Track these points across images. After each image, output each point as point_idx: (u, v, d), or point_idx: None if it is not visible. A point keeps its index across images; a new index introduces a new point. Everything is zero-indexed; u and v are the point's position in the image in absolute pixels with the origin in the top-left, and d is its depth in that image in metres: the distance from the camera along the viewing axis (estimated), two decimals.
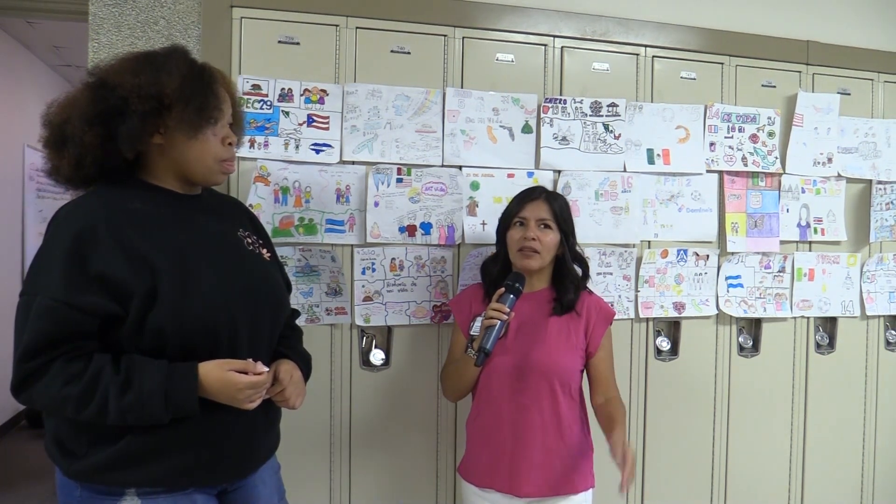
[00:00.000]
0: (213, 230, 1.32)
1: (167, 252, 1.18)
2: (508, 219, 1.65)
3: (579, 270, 1.68)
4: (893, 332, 2.46)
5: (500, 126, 2.02)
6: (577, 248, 1.68)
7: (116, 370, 1.12)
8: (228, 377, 1.17)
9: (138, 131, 1.18)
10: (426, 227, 1.96)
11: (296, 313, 1.58)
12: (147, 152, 1.25)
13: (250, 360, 1.21)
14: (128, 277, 1.13)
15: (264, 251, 1.42)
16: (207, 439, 1.22)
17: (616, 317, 1.71)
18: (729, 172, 2.23)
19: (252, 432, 1.30)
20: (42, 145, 1.24)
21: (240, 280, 1.28)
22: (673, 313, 2.18)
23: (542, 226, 1.61)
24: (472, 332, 1.60)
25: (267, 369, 1.22)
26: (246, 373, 1.18)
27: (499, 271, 1.67)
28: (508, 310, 1.52)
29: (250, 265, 1.34)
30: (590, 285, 1.74)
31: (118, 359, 1.14)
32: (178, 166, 1.27)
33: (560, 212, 1.63)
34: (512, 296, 1.54)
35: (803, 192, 2.31)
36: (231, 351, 1.22)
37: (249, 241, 1.38)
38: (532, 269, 1.61)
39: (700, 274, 2.20)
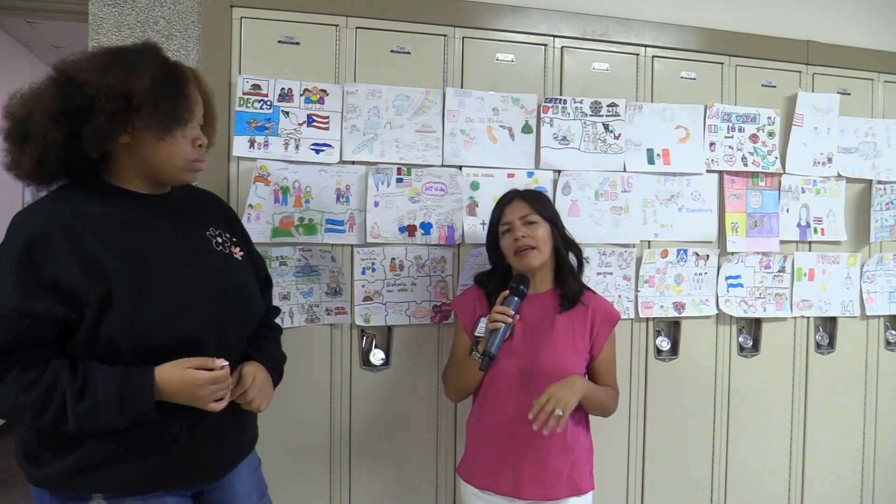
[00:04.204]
0: (177, 232, 1.27)
1: (124, 258, 1.15)
2: (495, 230, 1.66)
3: (575, 260, 1.69)
4: (893, 332, 2.46)
5: (500, 126, 2.02)
6: (568, 234, 1.68)
7: (73, 376, 1.10)
8: (187, 375, 1.13)
9: (104, 131, 1.14)
10: (426, 227, 1.96)
11: (274, 311, 1.54)
12: (113, 152, 1.21)
13: (211, 357, 1.18)
14: (82, 284, 1.10)
15: (236, 249, 1.37)
16: (170, 445, 1.19)
17: None
18: (729, 172, 2.23)
19: (218, 436, 1.27)
20: (3, 138, 1.17)
21: (202, 284, 1.24)
22: (673, 313, 2.18)
23: (528, 222, 1.61)
24: (476, 334, 1.59)
25: (226, 363, 1.18)
26: (207, 369, 1.15)
27: (497, 284, 1.64)
28: (513, 312, 1.52)
29: (215, 267, 1.29)
30: (590, 285, 1.74)
31: (76, 364, 1.12)
32: (146, 167, 1.23)
33: (539, 204, 1.63)
34: (516, 298, 1.54)
35: (803, 192, 2.31)
36: (193, 356, 1.18)
37: (219, 240, 1.34)
38: (534, 267, 1.60)
39: (700, 274, 2.20)
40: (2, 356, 1.09)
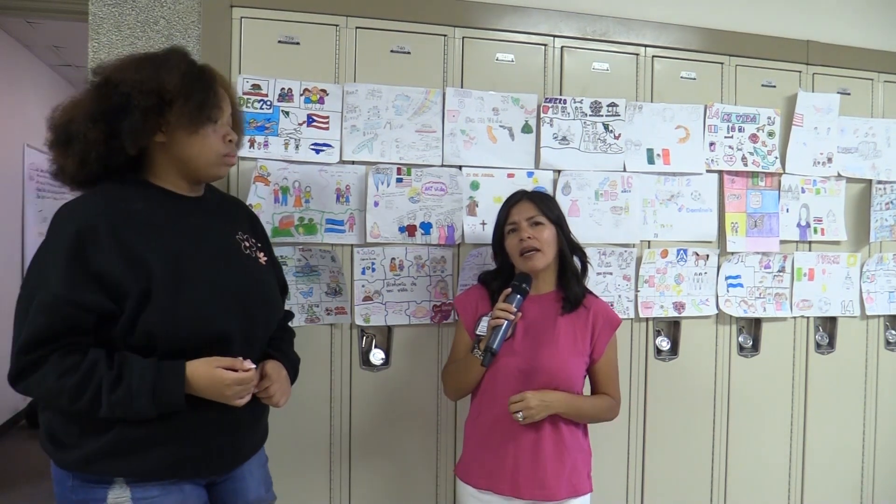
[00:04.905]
0: (211, 233, 1.34)
1: (163, 255, 1.21)
2: (501, 230, 1.66)
3: (579, 263, 1.68)
4: (893, 331, 2.46)
5: (500, 126, 2.02)
6: (573, 237, 1.68)
7: (109, 365, 1.16)
8: (216, 374, 1.20)
9: (140, 126, 1.21)
10: (426, 227, 1.96)
11: (289, 315, 1.60)
12: (150, 151, 1.29)
13: (238, 357, 1.24)
14: (124, 277, 1.16)
15: (261, 255, 1.44)
16: (193, 434, 1.25)
17: None
18: (729, 172, 2.23)
19: (237, 428, 1.33)
20: (48, 147, 1.26)
21: (233, 285, 1.31)
22: (673, 313, 2.18)
23: (534, 223, 1.61)
24: (478, 332, 1.59)
25: (254, 366, 1.26)
26: (234, 369, 1.22)
27: (501, 284, 1.64)
28: (515, 310, 1.52)
29: (244, 269, 1.36)
30: (590, 285, 1.74)
31: (112, 354, 1.18)
32: (181, 163, 1.30)
33: (546, 206, 1.64)
34: (519, 296, 1.54)
35: (803, 191, 2.31)
36: (222, 353, 1.25)
37: (247, 244, 1.41)
38: (538, 269, 1.61)
39: (700, 274, 2.20)
40: (46, 341, 1.14)
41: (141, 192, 1.27)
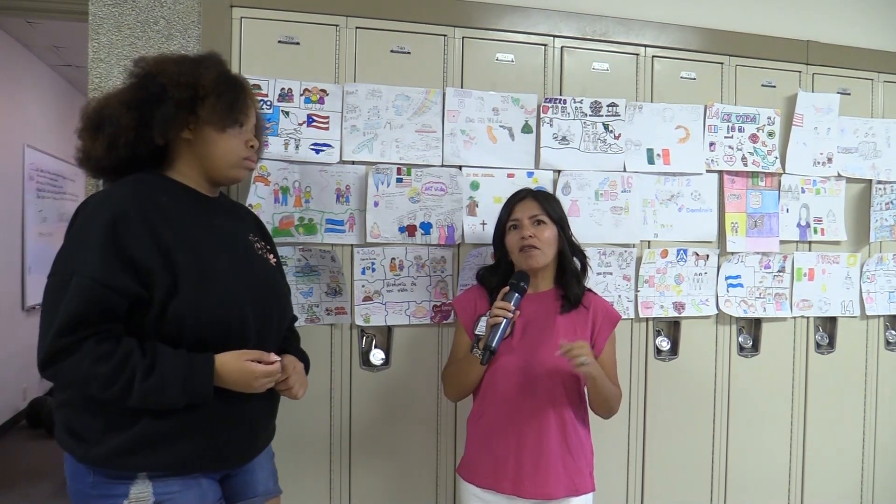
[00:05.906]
0: (229, 232, 1.39)
1: (188, 248, 1.25)
2: (503, 226, 1.67)
3: (578, 264, 1.69)
4: (893, 331, 2.46)
5: (500, 126, 2.02)
6: (574, 239, 1.68)
7: (143, 354, 1.18)
8: (246, 367, 1.24)
9: (172, 118, 1.26)
10: (426, 227, 1.96)
11: (294, 318, 1.63)
12: (174, 147, 1.34)
13: (260, 350, 1.28)
14: (154, 265, 1.20)
15: (270, 256, 1.48)
16: (216, 427, 1.28)
17: None
18: (729, 172, 2.23)
19: (256, 422, 1.38)
20: (77, 136, 1.31)
21: (251, 280, 1.35)
22: (673, 313, 2.18)
23: (536, 222, 1.61)
24: (476, 332, 1.60)
25: (279, 359, 1.30)
26: (260, 362, 1.26)
27: (499, 280, 1.64)
28: (513, 308, 1.52)
29: (259, 267, 1.41)
30: (590, 285, 1.74)
31: (142, 344, 1.20)
32: (204, 161, 1.35)
33: (549, 205, 1.64)
34: (517, 294, 1.54)
35: (803, 191, 2.31)
36: (240, 343, 1.28)
37: (258, 245, 1.45)
38: (537, 268, 1.61)
39: (700, 274, 2.20)
40: (82, 326, 1.16)
41: (164, 186, 1.31)
